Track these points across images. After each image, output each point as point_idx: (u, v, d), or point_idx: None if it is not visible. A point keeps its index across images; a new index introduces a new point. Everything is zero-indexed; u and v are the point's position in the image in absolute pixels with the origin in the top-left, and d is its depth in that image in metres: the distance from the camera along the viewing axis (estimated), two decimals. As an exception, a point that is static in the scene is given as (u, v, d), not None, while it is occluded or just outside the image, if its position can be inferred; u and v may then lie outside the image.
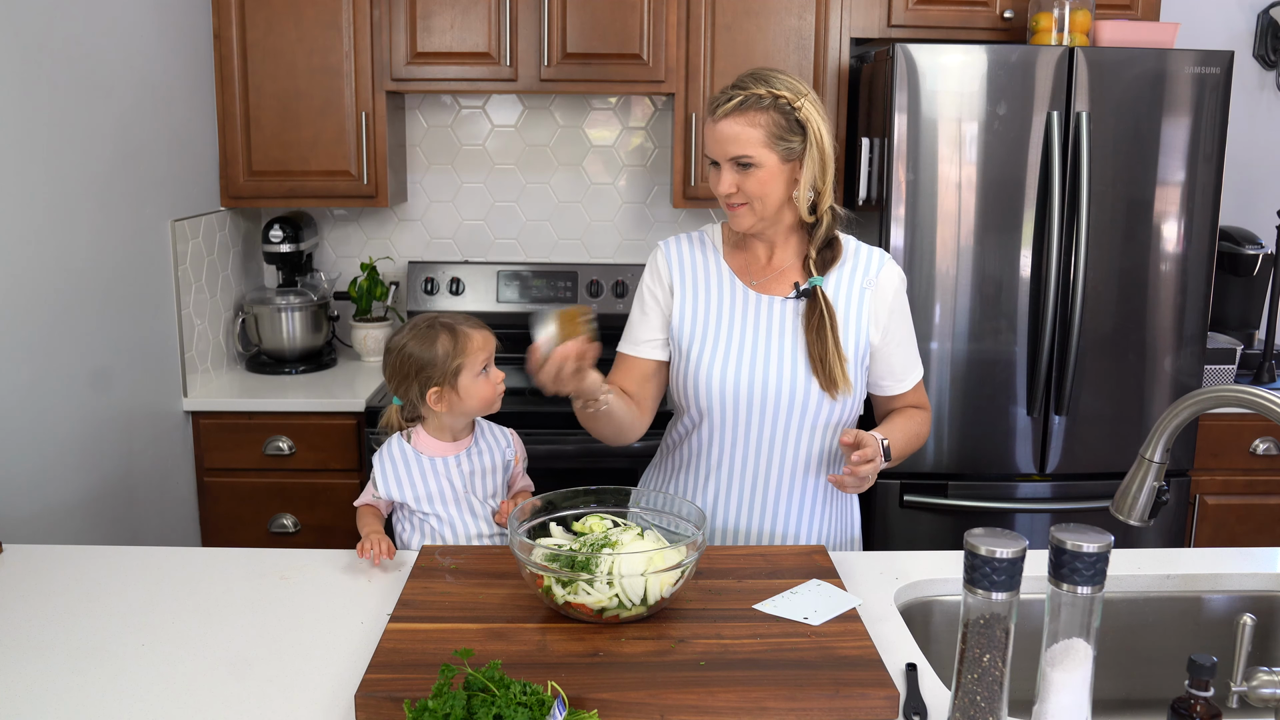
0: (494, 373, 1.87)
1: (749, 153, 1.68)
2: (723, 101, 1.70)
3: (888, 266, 1.82)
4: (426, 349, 1.82)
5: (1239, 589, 1.71)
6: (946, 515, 2.83)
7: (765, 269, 1.81)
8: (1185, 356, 2.82)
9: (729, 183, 1.71)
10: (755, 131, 1.67)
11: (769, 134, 1.68)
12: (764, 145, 1.68)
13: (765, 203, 1.71)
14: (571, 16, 2.98)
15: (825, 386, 1.74)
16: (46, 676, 1.34)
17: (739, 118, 1.68)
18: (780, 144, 1.68)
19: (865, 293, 1.79)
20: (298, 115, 3.02)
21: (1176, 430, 1.35)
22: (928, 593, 1.66)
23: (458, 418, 1.86)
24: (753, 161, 1.68)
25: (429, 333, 1.83)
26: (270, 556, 1.72)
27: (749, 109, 1.67)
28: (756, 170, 1.69)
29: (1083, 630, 1.12)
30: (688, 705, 1.25)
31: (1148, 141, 2.72)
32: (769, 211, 1.73)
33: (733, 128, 1.68)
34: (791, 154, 1.70)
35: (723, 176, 1.71)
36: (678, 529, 1.60)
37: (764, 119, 1.67)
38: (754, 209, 1.72)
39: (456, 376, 1.81)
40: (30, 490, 2.13)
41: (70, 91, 2.28)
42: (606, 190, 3.46)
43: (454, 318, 1.88)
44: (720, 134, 1.70)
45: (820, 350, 1.73)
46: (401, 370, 1.84)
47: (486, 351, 1.85)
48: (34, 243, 2.15)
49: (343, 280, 3.44)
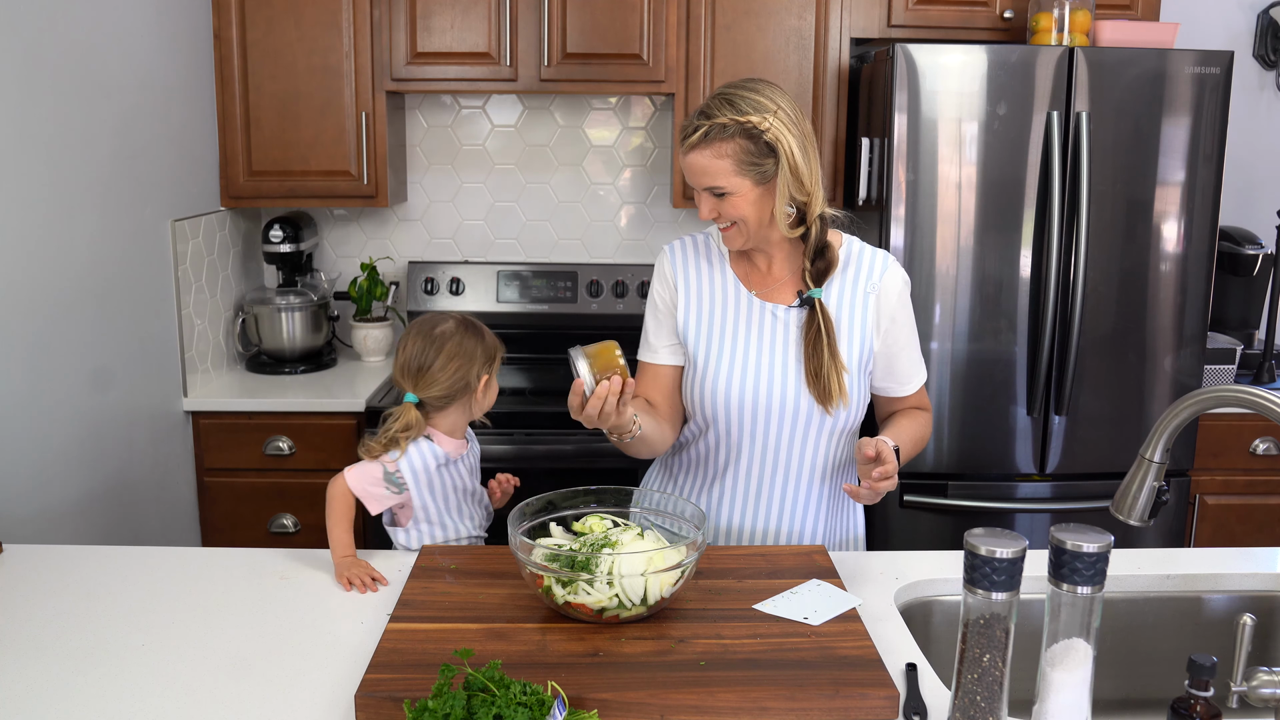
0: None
1: (720, 183, 1.66)
2: (689, 133, 1.67)
3: (891, 269, 1.80)
4: (479, 336, 1.83)
5: (1239, 589, 1.71)
6: (946, 515, 2.83)
7: (766, 278, 1.81)
8: (1185, 356, 2.82)
9: (709, 209, 1.70)
10: (723, 162, 1.65)
11: (738, 162, 1.65)
12: (734, 174, 1.66)
13: (749, 224, 1.70)
14: (571, 16, 2.98)
15: (820, 400, 1.73)
16: (46, 676, 1.34)
17: (705, 149, 1.65)
18: (752, 169, 1.66)
19: (869, 297, 1.77)
20: (298, 115, 3.02)
21: (1176, 430, 1.35)
22: (928, 593, 1.66)
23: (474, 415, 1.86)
24: (726, 190, 1.67)
25: (467, 325, 1.84)
26: (270, 556, 1.72)
27: (714, 140, 1.65)
28: (732, 197, 1.67)
29: (1083, 630, 1.12)
30: (688, 705, 1.25)
31: (1148, 141, 2.72)
32: (754, 231, 1.72)
33: (700, 160, 1.66)
34: (765, 176, 1.67)
35: (702, 204, 1.71)
36: (678, 529, 1.60)
37: (730, 148, 1.64)
38: (740, 230, 1.72)
39: (493, 366, 1.83)
40: (30, 490, 2.13)
41: (70, 91, 2.28)
42: (606, 190, 3.46)
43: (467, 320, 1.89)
44: (691, 166, 1.68)
45: (816, 365, 1.73)
46: (464, 353, 1.80)
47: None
48: (34, 243, 2.15)
49: (343, 280, 3.44)
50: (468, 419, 1.86)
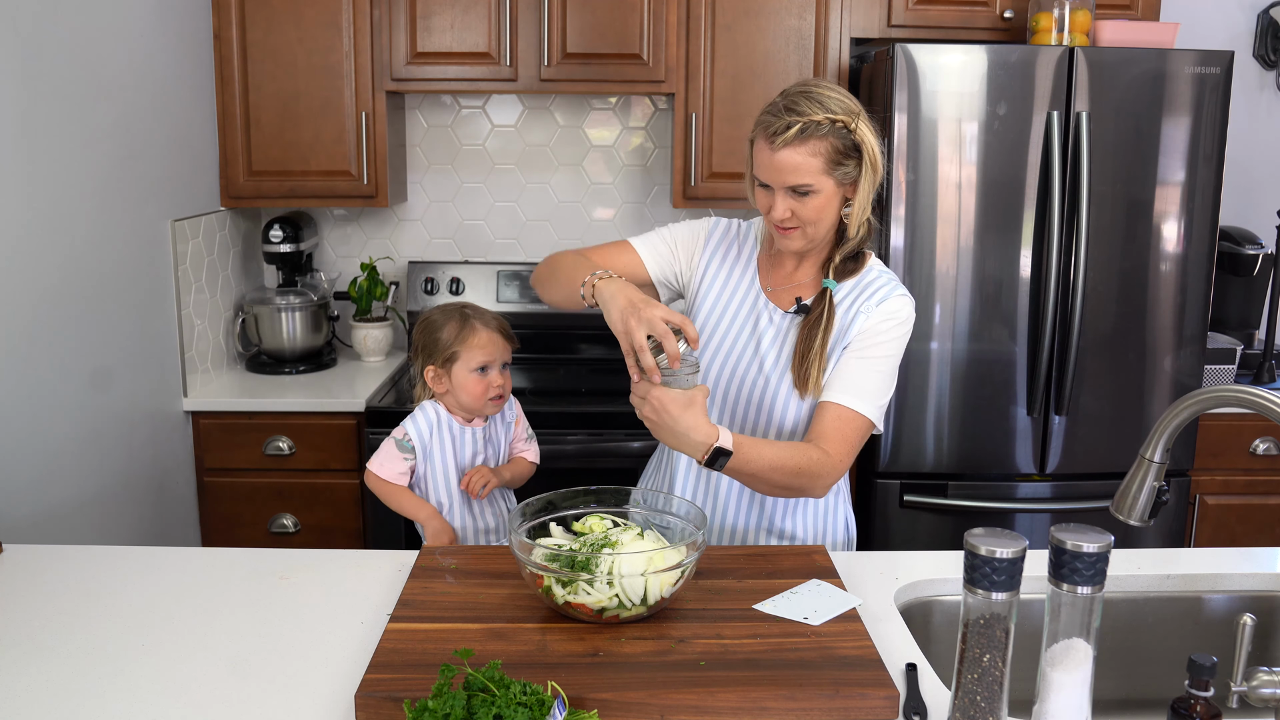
0: (493, 376, 1.91)
1: (809, 181, 1.64)
2: (780, 130, 1.62)
3: (893, 301, 1.73)
4: (436, 329, 1.92)
5: (1239, 589, 1.71)
6: (946, 515, 2.83)
7: (789, 277, 1.80)
8: (1185, 356, 2.82)
9: (783, 209, 1.67)
10: (816, 160, 1.63)
11: (828, 161, 1.63)
12: (823, 173, 1.64)
13: (819, 226, 1.69)
14: (571, 16, 2.98)
15: (797, 384, 1.72)
16: (46, 676, 1.34)
17: (800, 146, 1.62)
18: (838, 169, 1.65)
19: (858, 318, 1.73)
20: (298, 115, 3.02)
21: (1176, 430, 1.35)
22: (928, 593, 1.66)
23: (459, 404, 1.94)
24: (812, 189, 1.65)
25: (446, 315, 1.93)
26: (270, 556, 1.72)
27: (810, 137, 1.62)
28: (814, 197, 1.65)
29: (1083, 630, 1.12)
30: (688, 705, 1.25)
31: (1148, 141, 2.71)
32: (821, 234, 1.71)
33: (794, 157, 1.63)
34: (848, 177, 1.66)
35: (777, 202, 1.67)
36: (678, 529, 1.60)
37: (824, 146, 1.62)
38: (806, 233, 1.69)
39: (451, 364, 1.90)
40: (30, 490, 2.13)
41: (70, 91, 2.28)
42: (606, 190, 3.46)
43: (480, 313, 1.95)
44: (780, 163, 1.64)
45: (805, 347, 1.72)
46: (416, 342, 1.95)
47: (486, 352, 1.91)
48: (34, 243, 2.15)
49: (343, 280, 3.44)
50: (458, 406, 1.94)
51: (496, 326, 1.94)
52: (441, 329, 1.91)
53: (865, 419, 1.69)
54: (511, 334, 1.98)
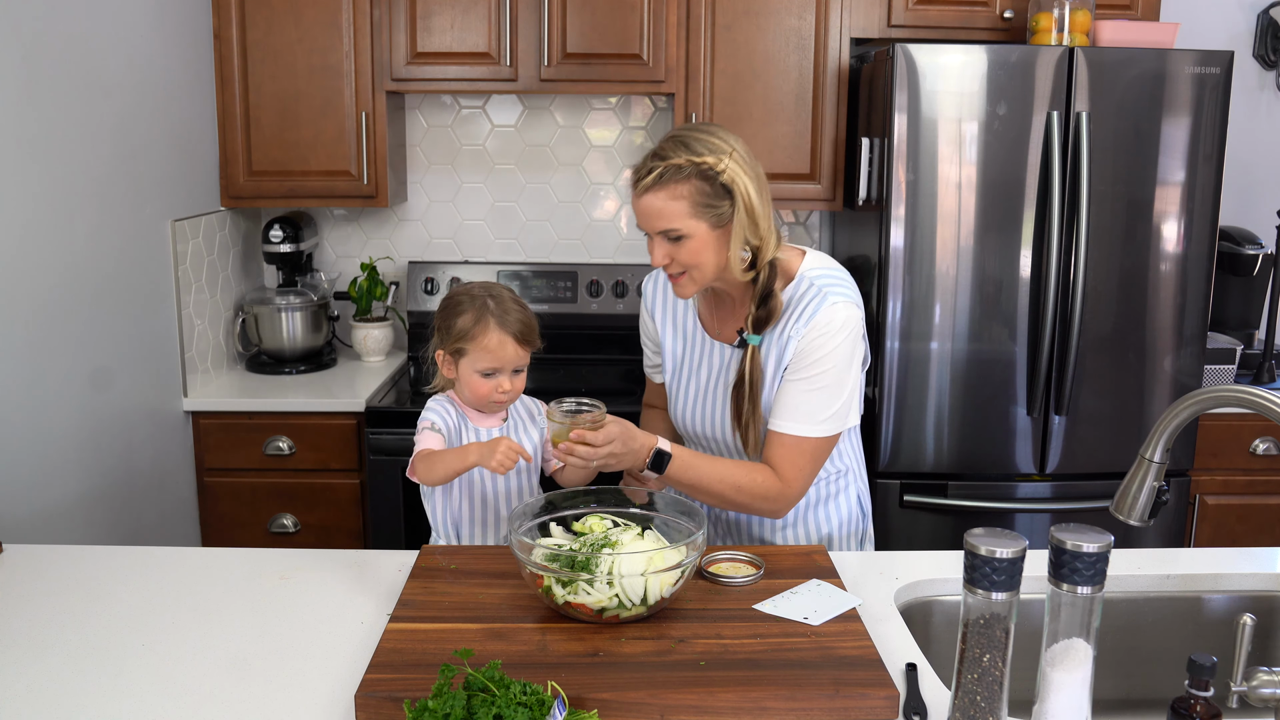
0: (500, 380, 1.76)
1: (675, 225, 1.64)
2: (643, 175, 1.65)
3: (821, 314, 1.69)
4: (454, 313, 1.77)
5: (1239, 589, 1.71)
6: (946, 515, 2.83)
7: (729, 315, 1.81)
8: (1185, 356, 2.82)
9: (662, 254, 1.67)
10: (679, 204, 1.63)
11: (694, 204, 1.63)
12: (690, 216, 1.63)
13: (703, 270, 1.68)
14: (571, 16, 2.98)
15: (744, 446, 1.76)
16: (46, 676, 1.34)
17: (660, 191, 1.63)
18: (708, 211, 1.64)
19: (790, 343, 1.71)
20: (298, 115, 3.02)
21: (1176, 430, 1.35)
22: (928, 593, 1.66)
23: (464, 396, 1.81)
24: (682, 233, 1.64)
25: (470, 301, 1.77)
26: (270, 556, 1.72)
27: (669, 181, 1.62)
28: (688, 241, 1.65)
29: (1083, 630, 1.12)
30: (688, 705, 1.25)
31: (1148, 141, 2.71)
32: (707, 277, 1.70)
33: (655, 202, 1.64)
34: (722, 219, 1.65)
35: (655, 249, 1.68)
36: (677, 529, 1.60)
37: (686, 189, 1.62)
38: (692, 277, 1.69)
39: (459, 357, 1.77)
40: (30, 490, 2.13)
41: (70, 91, 2.28)
42: (606, 190, 3.46)
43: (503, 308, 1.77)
44: (645, 208, 1.65)
45: (737, 410, 1.74)
46: (436, 318, 1.80)
47: (495, 358, 1.74)
48: (34, 242, 2.15)
49: (343, 280, 3.44)
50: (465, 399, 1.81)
51: (515, 329, 1.75)
52: (459, 315, 1.76)
53: (812, 440, 1.70)
54: (534, 335, 1.79)
